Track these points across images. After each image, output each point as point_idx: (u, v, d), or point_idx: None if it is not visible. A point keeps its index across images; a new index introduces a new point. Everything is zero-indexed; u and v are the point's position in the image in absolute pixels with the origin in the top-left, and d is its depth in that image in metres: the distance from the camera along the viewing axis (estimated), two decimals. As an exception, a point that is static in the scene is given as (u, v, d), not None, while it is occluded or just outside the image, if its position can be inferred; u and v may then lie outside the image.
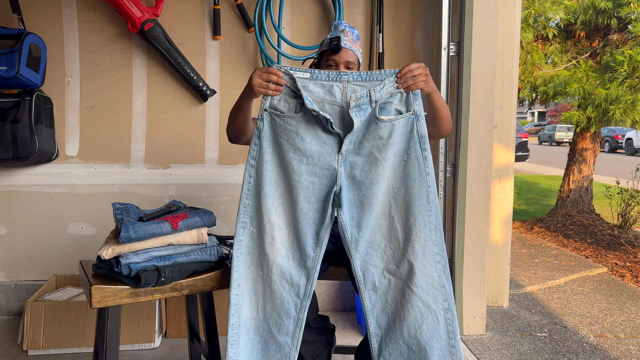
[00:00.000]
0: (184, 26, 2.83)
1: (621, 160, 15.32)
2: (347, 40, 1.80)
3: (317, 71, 1.58)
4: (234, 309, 1.62)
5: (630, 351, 2.58)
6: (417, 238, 1.55)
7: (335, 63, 1.79)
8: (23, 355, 2.38)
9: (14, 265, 2.86)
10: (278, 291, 1.58)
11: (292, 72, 1.58)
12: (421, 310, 1.53)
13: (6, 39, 2.48)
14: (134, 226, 1.57)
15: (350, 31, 1.84)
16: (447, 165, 2.60)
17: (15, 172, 2.80)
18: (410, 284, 1.54)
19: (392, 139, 1.55)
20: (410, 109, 1.56)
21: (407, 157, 1.56)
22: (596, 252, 4.52)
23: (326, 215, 1.57)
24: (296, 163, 1.57)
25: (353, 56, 1.80)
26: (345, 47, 1.78)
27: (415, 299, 1.53)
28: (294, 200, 1.58)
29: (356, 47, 1.83)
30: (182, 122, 2.88)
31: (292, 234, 1.59)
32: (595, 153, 5.75)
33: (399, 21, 2.93)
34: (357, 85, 1.56)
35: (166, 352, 2.44)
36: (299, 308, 1.59)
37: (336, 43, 1.76)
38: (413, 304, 1.53)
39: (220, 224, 2.90)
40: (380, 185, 1.56)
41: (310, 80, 1.58)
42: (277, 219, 1.59)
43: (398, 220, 1.57)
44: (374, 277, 1.58)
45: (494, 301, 3.14)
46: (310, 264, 1.58)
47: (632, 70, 4.57)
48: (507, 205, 3.15)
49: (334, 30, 1.85)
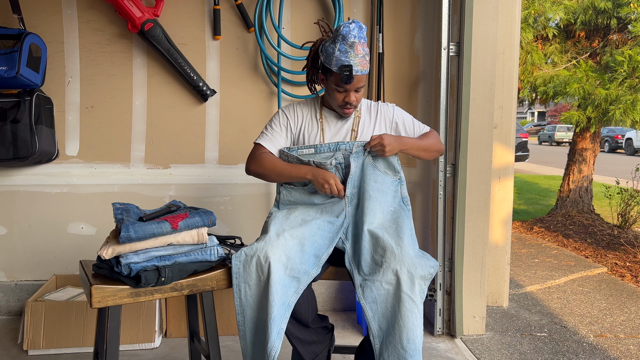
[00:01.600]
0: (184, 26, 2.83)
1: (621, 160, 15.33)
2: (358, 64, 1.74)
3: (319, 145, 1.86)
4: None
5: (630, 351, 2.58)
6: (407, 253, 1.68)
7: (345, 90, 1.79)
8: (23, 355, 2.38)
9: (14, 265, 2.86)
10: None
11: (297, 156, 1.85)
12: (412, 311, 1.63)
13: (6, 39, 2.48)
14: (134, 226, 1.57)
15: (360, 43, 1.73)
16: (447, 165, 2.60)
17: (15, 172, 2.80)
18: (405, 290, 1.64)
19: (384, 187, 1.85)
20: (397, 174, 1.90)
21: (394, 208, 1.86)
22: (596, 252, 4.52)
23: (332, 245, 1.77)
24: (313, 212, 1.86)
25: (364, 78, 1.79)
26: (356, 74, 1.75)
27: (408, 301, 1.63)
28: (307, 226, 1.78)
29: (366, 64, 1.77)
30: (182, 122, 2.88)
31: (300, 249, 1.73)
32: (595, 153, 5.75)
33: (399, 21, 2.93)
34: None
35: (166, 352, 2.44)
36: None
37: (348, 74, 1.73)
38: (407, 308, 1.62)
39: (220, 224, 2.90)
40: (375, 217, 1.79)
41: (315, 154, 1.86)
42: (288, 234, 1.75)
43: (390, 241, 1.71)
44: (373, 292, 1.67)
45: (494, 301, 3.14)
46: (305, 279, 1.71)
47: (632, 70, 4.57)
48: (507, 205, 3.15)
49: (342, 43, 1.72)
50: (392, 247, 1.67)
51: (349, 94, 1.79)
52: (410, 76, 2.96)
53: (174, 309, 2.60)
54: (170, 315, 2.61)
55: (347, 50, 1.73)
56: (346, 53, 1.73)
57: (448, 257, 2.63)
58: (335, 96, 1.82)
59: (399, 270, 1.63)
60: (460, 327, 2.62)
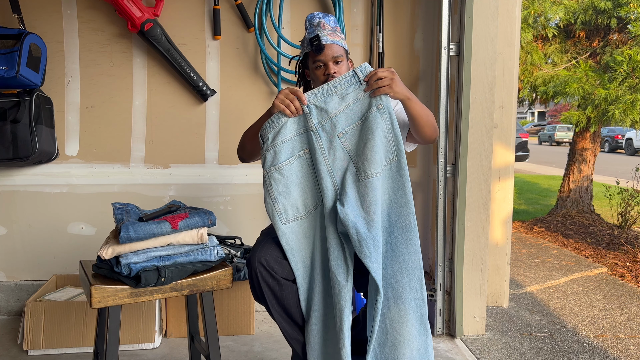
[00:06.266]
0: (184, 26, 2.83)
1: (621, 160, 15.32)
2: (326, 35, 1.74)
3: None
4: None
5: (630, 351, 2.58)
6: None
7: (323, 63, 1.77)
8: (23, 355, 2.38)
9: (14, 265, 2.86)
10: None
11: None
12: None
13: (6, 39, 2.48)
14: (134, 226, 1.57)
15: (325, 22, 1.77)
16: (447, 165, 2.60)
17: (15, 172, 2.80)
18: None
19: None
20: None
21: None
22: (596, 252, 4.52)
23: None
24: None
25: (339, 49, 1.76)
26: (327, 43, 1.73)
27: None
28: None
29: (338, 37, 1.77)
30: (182, 122, 2.88)
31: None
32: (595, 153, 5.75)
33: (399, 21, 2.93)
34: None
35: (166, 352, 2.44)
36: None
37: (317, 43, 1.73)
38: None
39: (220, 224, 2.90)
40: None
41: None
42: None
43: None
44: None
45: (494, 301, 3.14)
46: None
47: (632, 70, 4.57)
48: (507, 205, 3.15)
49: (309, 27, 1.79)
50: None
51: (328, 66, 1.76)
52: (410, 76, 2.95)
53: (174, 309, 2.60)
54: (170, 315, 2.61)
55: (314, 29, 1.77)
56: (313, 31, 1.77)
57: (448, 257, 2.63)
58: (317, 74, 1.79)
59: None
60: (460, 327, 2.62)
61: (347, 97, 1.66)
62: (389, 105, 1.66)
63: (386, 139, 1.65)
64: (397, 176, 1.67)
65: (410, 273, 1.63)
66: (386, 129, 1.64)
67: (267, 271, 1.65)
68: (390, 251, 1.65)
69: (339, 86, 1.65)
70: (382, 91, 1.63)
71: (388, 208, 1.67)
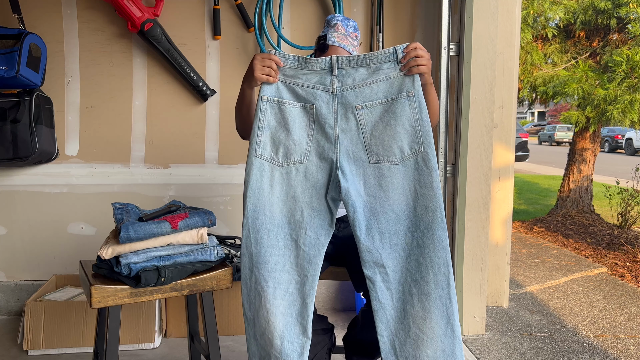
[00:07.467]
0: (184, 26, 2.83)
1: (621, 160, 15.33)
2: (335, 37, 1.74)
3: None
4: None
5: (630, 351, 2.58)
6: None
7: None
8: (23, 355, 2.38)
9: (14, 265, 2.86)
10: None
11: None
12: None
13: (6, 39, 2.48)
14: (134, 226, 1.57)
15: (343, 24, 1.77)
16: (447, 165, 2.60)
17: (15, 172, 2.80)
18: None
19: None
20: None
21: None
22: (596, 252, 4.52)
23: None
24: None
25: (343, 52, 1.75)
26: (332, 44, 1.73)
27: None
28: None
29: (347, 41, 1.76)
30: (182, 122, 2.88)
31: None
32: (595, 153, 5.75)
33: (399, 21, 2.93)
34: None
35: (166, 352, 2.44)
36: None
37: (322, 42, 1.73)
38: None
39: (220, 224, 2.90)
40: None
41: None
42: None
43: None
44: None
45: (494, 301, 3.14)
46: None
47: (631, 70, 4.57)
48: (507, 205, 3.15)
49: (326, 26, 1.79)
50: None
51: None
52: (410, 76, 2.95)
53: (174, 309, 2.60)
54: (170, 315, 2.61)
55: (327, 29, 1.77)
56: (326, 30, 1.76)
57: (448, 257, 2.63)
58: None
59: None
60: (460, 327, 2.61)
61: (380, 72, 1.59)
62: (419, 93, 1.59)
63: (412, 128, 1.58)
64: (423, 168, 1.59)
65: (436, 270, 1.58)
66: (413, 118, 1.58)
67: None
68: (416, 245, 1.60)
69: (375, 59, 1.58)
70: (419, 70, 1.56)
71: (414, 201, 1.61)
